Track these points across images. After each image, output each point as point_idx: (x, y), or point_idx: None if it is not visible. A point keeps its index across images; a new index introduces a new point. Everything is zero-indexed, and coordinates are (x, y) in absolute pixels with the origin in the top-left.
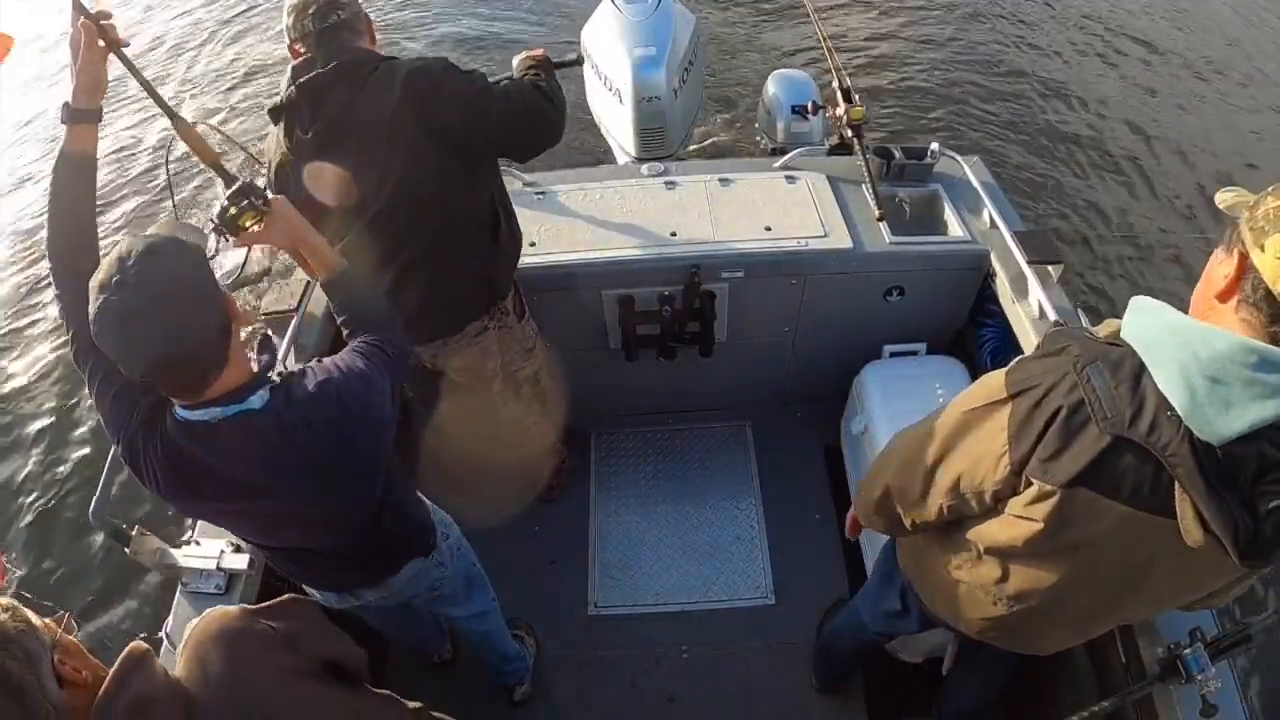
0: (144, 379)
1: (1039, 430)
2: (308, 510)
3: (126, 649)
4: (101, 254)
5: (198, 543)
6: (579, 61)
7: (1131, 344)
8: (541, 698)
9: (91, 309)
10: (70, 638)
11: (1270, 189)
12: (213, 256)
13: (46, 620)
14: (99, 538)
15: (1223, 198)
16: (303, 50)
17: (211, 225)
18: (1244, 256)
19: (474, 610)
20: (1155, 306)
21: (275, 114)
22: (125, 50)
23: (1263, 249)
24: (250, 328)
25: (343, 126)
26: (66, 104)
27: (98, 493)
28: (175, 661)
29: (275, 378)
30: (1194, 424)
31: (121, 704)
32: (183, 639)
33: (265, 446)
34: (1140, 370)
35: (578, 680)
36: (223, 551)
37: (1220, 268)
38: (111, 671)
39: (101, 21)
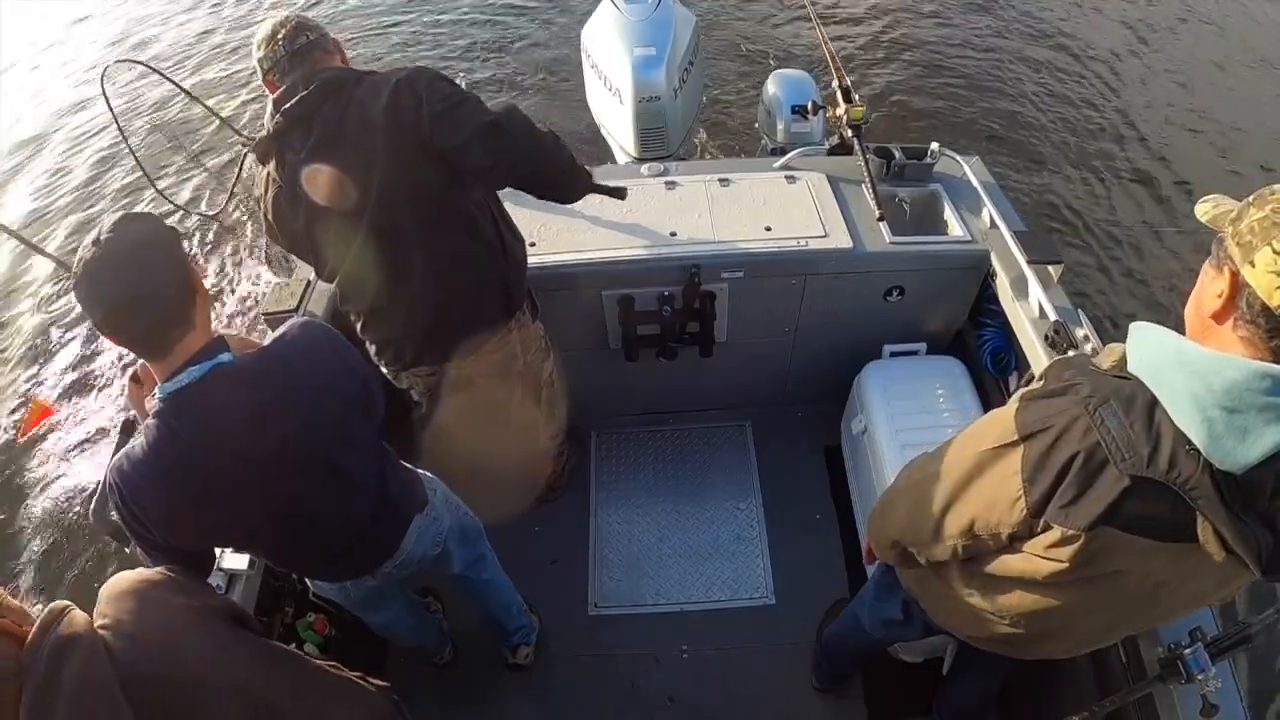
0: (107, 325)
1: (1055, 476)
2: (318, 452)
3: (49, 605)
4: None
5: None
6: (621, 194)
7: (1140, 377)
8: (541, 698)
9: (74, 272)
10: (13, 600)
11: (1250, 198)
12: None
13: None
14: (98, 538)
15: (1203, 209)
16: (277, 79)
17: None
18: (1234, 274)
19: (475, 555)
20: (1160, 335)
21: (263, 148)
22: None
23: (1253, 264)
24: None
25: (335, 138)
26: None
27: (97, 493)
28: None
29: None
30: (1214, 457)
31: (47, 644)
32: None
33: (250, 389)
34: (1152, 405)
35: (578, 680)
36: (222, 551)
37: (1211, 286)
38: (37, 622)
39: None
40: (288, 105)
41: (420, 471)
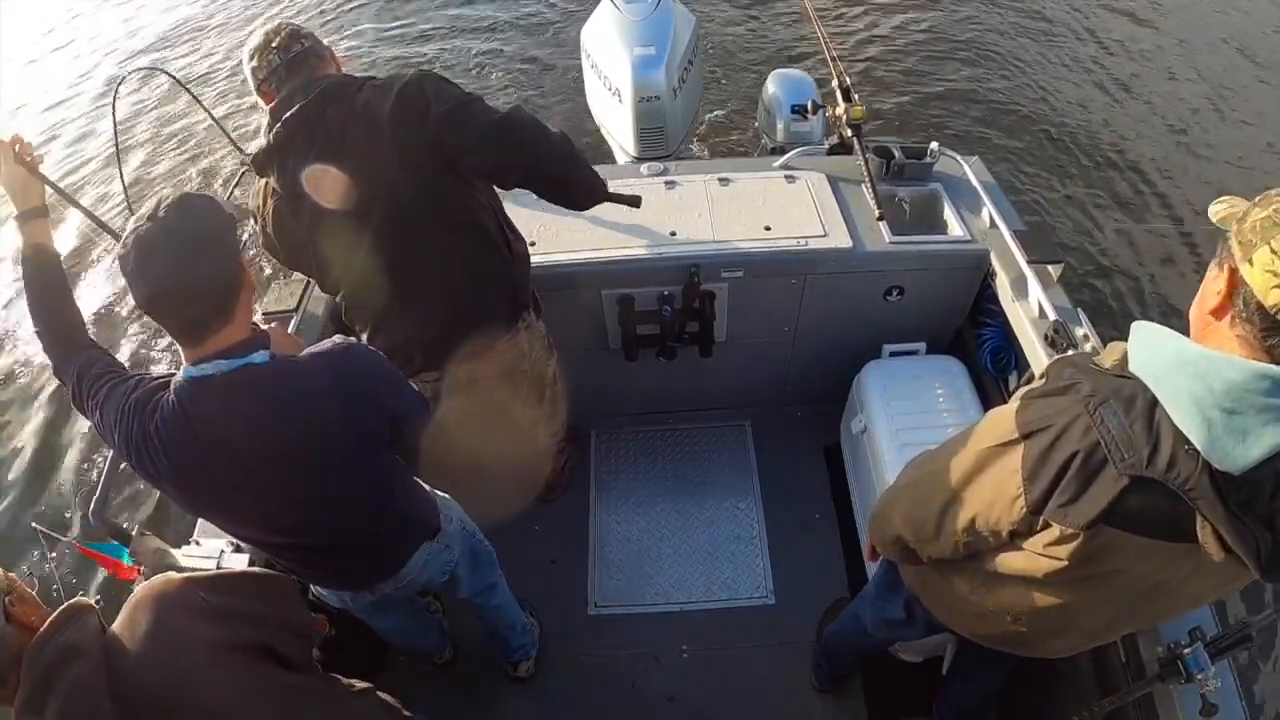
0: (147, 309)
1: (1054, 474)
2: (319, 476)
3: (69, 602)
4: None
5: (198, 543)
6: (636, 202)
7: (1141, 377)
8: (541, 698)
9: (124, 240)
10: (26, 588)
11: (1257, 199)
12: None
13: (9, 573)
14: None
15: (1215, 209)
16: (272, 89)
17: None
18: (1234, 271)
19: (484, 584)
20: (1162, 335)
21: (262, 159)
22: (41, 169)
23: (1251, 263)
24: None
25: (339, 144)
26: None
27: (97, 493)
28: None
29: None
30: (1213, 458)
31: (52, 647)
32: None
33: (271, 399)
34: (1153, 405)
35: (578, 680)
36: (223, 551)
37: (1213, 283)
38: (50, 619)
39: (17, 146)
40: (288, 114)
41: (440, 496)
